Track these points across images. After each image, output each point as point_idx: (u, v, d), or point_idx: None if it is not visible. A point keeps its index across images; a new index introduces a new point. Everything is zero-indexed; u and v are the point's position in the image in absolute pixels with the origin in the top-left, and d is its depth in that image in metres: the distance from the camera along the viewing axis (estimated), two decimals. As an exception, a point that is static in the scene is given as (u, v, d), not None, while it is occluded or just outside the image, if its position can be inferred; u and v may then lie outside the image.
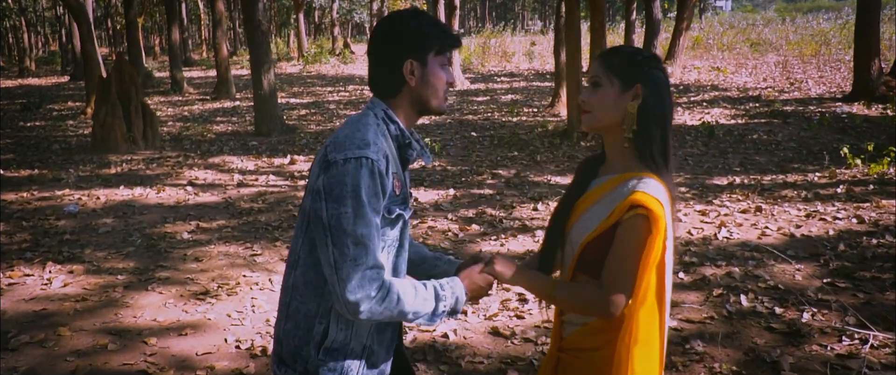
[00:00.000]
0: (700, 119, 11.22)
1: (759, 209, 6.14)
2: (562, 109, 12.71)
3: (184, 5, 35.50)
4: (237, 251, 5.53)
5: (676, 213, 1.67)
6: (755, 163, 8.12)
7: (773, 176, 7.43)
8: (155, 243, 5.80)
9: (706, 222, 5.81)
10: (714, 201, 6.49)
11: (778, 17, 41.29)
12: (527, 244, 5.45)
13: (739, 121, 11.02)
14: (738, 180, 7.33)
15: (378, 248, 1.49)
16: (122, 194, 7.70)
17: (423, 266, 1.87)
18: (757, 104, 12.75)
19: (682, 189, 6.96)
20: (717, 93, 14.79)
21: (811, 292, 4.21)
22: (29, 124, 14.32)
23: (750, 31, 29.61)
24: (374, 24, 1.71)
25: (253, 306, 4.37)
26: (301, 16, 33.58)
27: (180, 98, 19.13)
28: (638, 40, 20.45)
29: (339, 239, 1.45)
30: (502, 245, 5.42)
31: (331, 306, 1.57)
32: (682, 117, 11.85)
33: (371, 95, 1.72)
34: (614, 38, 26.02)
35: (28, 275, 5.05)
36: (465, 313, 4.13)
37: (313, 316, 1.59)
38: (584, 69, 13.13)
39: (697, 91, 15.21)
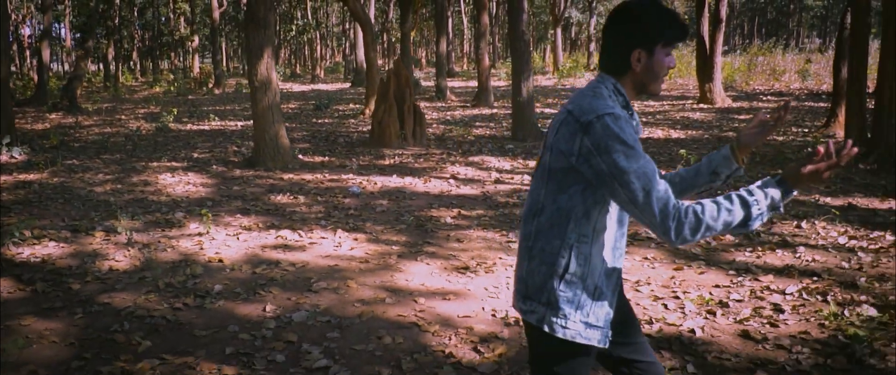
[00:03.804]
0: None
1: None
2: (838, 130, 11.59)
3: (450, 20, 38.17)
4: (494, 237, 6.00)
5: None
6: None
7: None
8: (422, 223, 6.51)
9: None
10: None
11: None
12: (786, 258, 5.20)
13: None
14: None
15: (656, 173, 1.67)
16: (394, 181, 8.69)
17: (700, 178, 2.05)
18: None
19: None
20: None
21: None
22: (319, 121, 16.57)
23: None
24: None
25: (508, 283, 4.76)
26: (559, 31, 34.30)
27: (443, 104, 20.77)
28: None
29: (624, 180, 1.66)
30: (758, 257, 5.23)
31: (572, 242, 1.79)
32: None
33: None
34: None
35: (324, 238, 6.01)
36: (712, 313, 4.12)
37: (557, 252, 1.80)
38: (870, 89, 11.86)
39: None
